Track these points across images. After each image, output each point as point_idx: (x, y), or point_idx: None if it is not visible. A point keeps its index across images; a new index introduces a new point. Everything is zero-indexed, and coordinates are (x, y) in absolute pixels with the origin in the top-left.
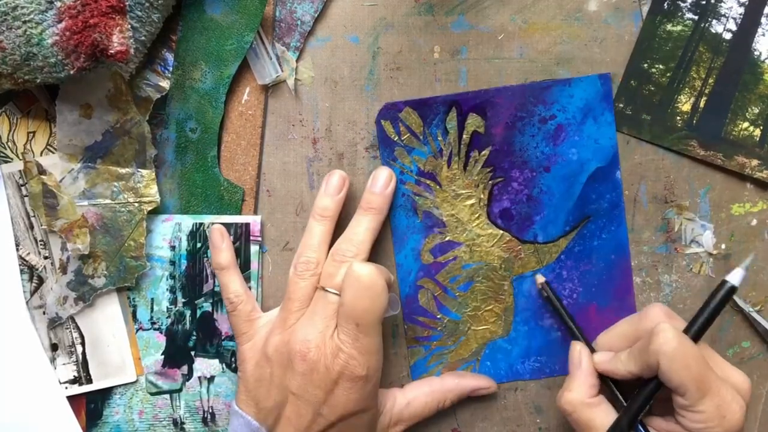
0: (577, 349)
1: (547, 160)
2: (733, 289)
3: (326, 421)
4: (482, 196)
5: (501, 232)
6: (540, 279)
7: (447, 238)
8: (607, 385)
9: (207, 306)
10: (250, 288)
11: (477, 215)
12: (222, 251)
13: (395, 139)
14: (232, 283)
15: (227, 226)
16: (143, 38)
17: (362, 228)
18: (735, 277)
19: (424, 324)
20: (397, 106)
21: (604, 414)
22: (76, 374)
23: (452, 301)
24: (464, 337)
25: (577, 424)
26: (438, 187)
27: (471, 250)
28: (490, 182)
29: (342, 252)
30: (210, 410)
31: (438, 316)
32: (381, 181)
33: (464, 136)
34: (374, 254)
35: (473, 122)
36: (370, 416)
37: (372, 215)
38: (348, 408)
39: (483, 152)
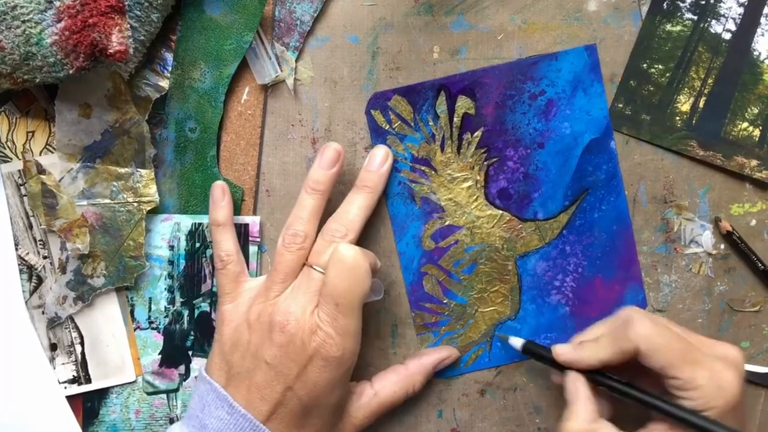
0: (573, 378)
1: (540, 136)
2: (524, 345)
3: (295, 395)
4: (478, 177)
5: (500, 212)
6: (517, 342)
7: (447, 223)
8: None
9: (205, 306)
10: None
11: (475, 197)
12: (221, 208)
13: (386, 128)
14: (225, 241)
15: None
16: (142, 38)
17: (354, 207)
18: (516, 343)
19: (432, 310)
20: (385, 94)
21: None
22: (76, 374)
23: (457, 285)
24: (472, 320)
25: None
26: (433, 172)
27: (472, 232)
28: (485, 163)
29: (332, 232)
30: None
31: (444, 301)
32: (377, 159)
33: (455, 119)
34: (375, 244)
35: (463, 104)
36: (338, 400)
37: (366, 193)
38: (319, 386)
39: (475, 134)
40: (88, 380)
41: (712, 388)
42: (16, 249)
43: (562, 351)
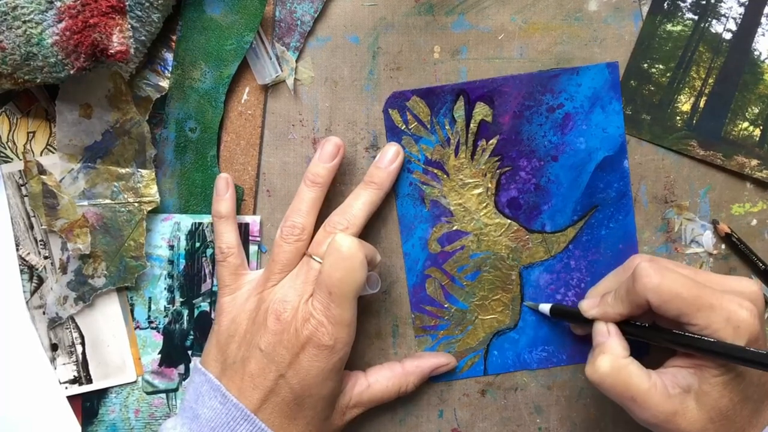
0: (602, 323)
1: (554, 149)
2: (552, 309)
3: (287, 384)
4: (490, 185)
5: (509, 221)
6: (545, 308)
7: (454, 228)
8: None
9: (205, 306)
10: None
11: (484, 204)
12: (224, 200)
13: (402, 128)
14: (227, 233)
15: None
16: (143, 38)
17: (359, 202)
18: (545, 308)
19: (432, 313)
20: (404, 95)
21: (641, 370)
22: (76, 374)
23: (459, 290)
24: (471, 326)
25: (615, 386)
26: (445, 176)
27: (478, 239)
28: (497, 171)
29: (334, 224)
30: None
31: (445, 306)
32: (387, 156)
33: (472, 125)
34: (379, 242)
35: (481, 111)
36: (330, 391)
37: (372, 189)
38: (310, 374)
39: (491, 141)
40: (89, 380)
41: (729, 329)
42: (17, 249)
43: (588, 306)
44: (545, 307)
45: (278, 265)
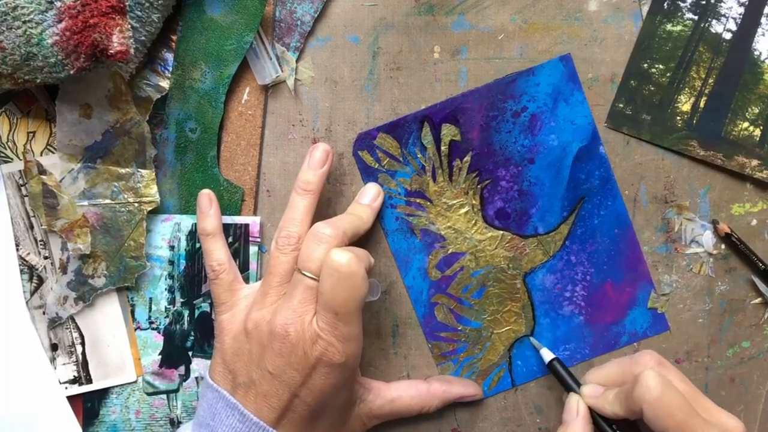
0: (575, 399)
1: (529, 152)
2: (552, 361)
3: (302, 402)
4: (474, 201)
5: (501, 232)
6: (547, 356)
7: (450, 251)
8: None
9: (205, 306)
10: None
11: (473, 221)
12: (208, 217)
13: (376, 167)
14: (216, 250)
15: (226, 226)
16: (143, 38)
17: (345, 219)
18: (546, 356)
19: (448, 339)
20: (370, 134)
21: None
22: (76, 374)
23: (469, 310)
24: (489, 342)
25: None
26: (429, 203)
27: (476, 256)
28: (478, 186)
29: (321, 229)
30: None
31: (459, 328)
32: (369, 194)
33: (443, 148)
34: (375, 244)
35: (448, 132)
36: (345, 399)
37: (355, 218)
38: (324, 391)
39: (465, 159)
40: (89, 380)
41: None
42: (17, 249)
43: (590, 394)
44: (546, 356)
45: (276, 277)
